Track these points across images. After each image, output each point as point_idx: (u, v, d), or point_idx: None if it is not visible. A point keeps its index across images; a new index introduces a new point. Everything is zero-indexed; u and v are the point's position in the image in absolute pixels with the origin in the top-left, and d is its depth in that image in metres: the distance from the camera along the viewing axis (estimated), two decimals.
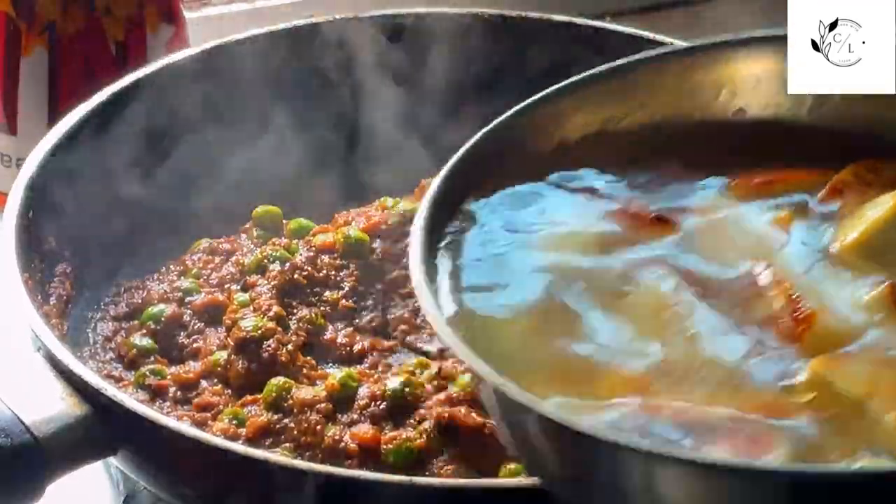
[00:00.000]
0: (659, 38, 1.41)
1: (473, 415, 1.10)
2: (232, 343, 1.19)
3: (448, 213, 0.94)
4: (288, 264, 1.28)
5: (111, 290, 1.29)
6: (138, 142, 1.33)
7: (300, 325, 1.23)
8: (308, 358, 1.21)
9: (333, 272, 1.29)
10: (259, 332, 1.19)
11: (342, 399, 1.13)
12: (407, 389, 1.13)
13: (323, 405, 1.12)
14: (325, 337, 1.25)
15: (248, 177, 1.40)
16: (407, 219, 1.33)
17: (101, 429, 1.04)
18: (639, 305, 0.89)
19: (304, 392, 1.14)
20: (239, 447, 1.01)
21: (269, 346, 1.19)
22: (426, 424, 1.10)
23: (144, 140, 1.33)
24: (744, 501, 0.77)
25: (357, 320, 1.28)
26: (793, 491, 0.75)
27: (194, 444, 1.00)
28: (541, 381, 0.83)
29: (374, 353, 1.24)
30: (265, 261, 1.29)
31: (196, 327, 1.25)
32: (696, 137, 1.00)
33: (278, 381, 1.15)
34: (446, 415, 1.10)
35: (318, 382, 1.17)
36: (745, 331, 0.86)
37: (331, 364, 1.23)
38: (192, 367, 1.20)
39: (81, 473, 1.06)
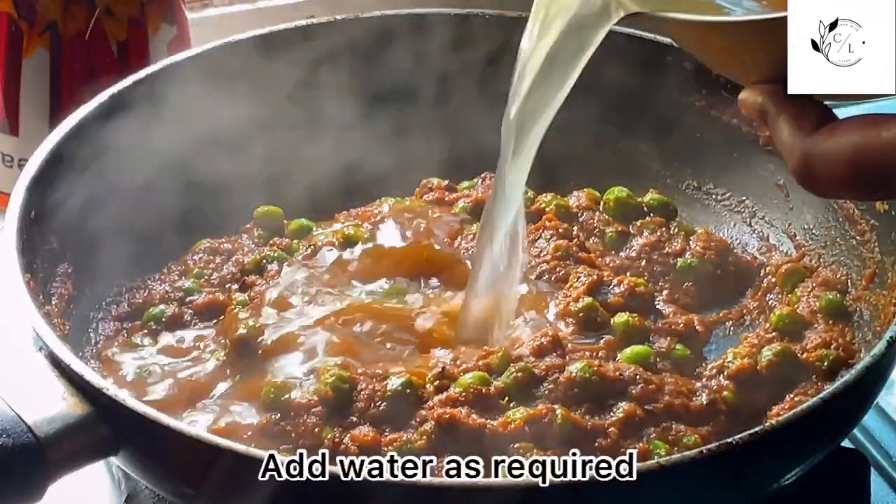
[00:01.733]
0: (659, 38, 1.41)
1: (474, 415, 1.10)
2: (231, 343, 1.19)
3: None
4: None
5: (112, 290, 1.29)
6: (139, 142, 1.33)
7: None
8: None
9: None
10: (258, 331, 1.19)
11: (339, 401, 1.12)
12: (408, 390, 1.13)
13: (318, 409, 1.11)
14: None
15: (249, 177, 1.40)
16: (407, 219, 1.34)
17: (103, 429, 1.03)
18: None
19: (300, 394, 1.12)
20: (240, 446, 1.00)
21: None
22: (427, 426, 1.09)
23: (146, 140, 1.33)
24: None
25: None
26: None
27: (195, 444, 1.00)
28: None
29: None
30: (264, 261, 1.29)
31: (197, 327, 1.24)
32: None
33: (276, 381, 1.14)
34: (447, 415, 1.09)
35: None
36: None
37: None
38: None
39: (82, 473, 1.06)
